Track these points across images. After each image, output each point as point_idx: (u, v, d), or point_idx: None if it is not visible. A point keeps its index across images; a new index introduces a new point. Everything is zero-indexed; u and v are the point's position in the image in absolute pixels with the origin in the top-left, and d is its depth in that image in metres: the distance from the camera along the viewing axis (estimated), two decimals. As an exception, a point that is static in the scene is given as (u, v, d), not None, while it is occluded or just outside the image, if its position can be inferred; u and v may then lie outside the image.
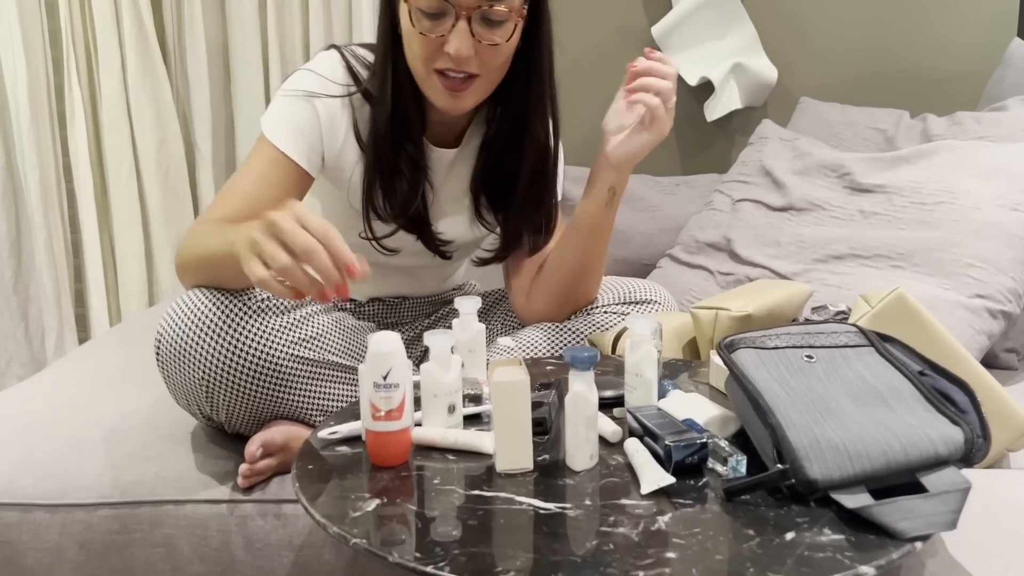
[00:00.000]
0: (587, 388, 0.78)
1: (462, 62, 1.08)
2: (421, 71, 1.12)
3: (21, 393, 1.33)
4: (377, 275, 1.22)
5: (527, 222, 1.27)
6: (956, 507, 0.67)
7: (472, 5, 1.06)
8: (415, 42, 1.10)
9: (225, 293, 1.02)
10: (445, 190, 1.27)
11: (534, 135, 1.23)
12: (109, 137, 2.15)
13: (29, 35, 2.08)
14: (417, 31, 1.08)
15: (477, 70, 1.10)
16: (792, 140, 1.75)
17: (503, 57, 1.13)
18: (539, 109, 1.22)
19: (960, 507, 0.67)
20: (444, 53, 1.08)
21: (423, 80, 1.13)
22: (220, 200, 1.12)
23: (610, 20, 2.20)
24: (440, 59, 1.09)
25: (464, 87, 1.11)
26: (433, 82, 1.12)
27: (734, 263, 1.58)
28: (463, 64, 1.09)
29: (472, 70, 1.10)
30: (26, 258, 2.23)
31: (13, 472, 1.08)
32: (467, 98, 1.13)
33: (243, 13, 2.12)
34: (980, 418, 0.74)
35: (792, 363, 0.82)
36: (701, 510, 0.71)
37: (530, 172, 1.24)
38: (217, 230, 1.01)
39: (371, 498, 0.74)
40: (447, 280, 1.44)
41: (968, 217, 1.38)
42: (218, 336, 1.00)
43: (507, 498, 0.74)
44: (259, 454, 1.05)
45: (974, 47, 2.15)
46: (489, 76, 1.13)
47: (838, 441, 0.71)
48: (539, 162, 1.25)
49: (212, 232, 1.02)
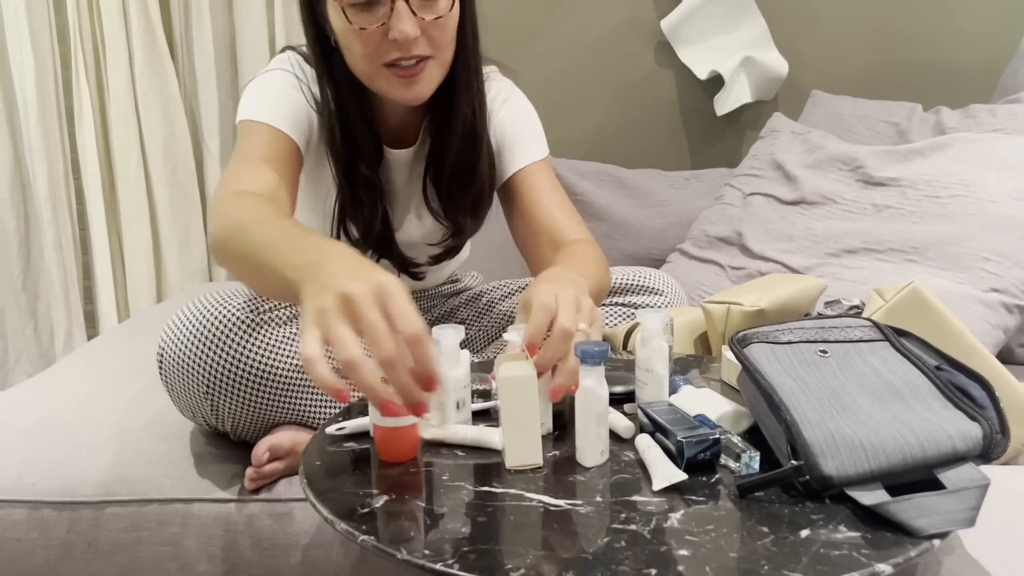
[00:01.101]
0: (597, 383, 0.77)
1: (410, 45, 1.03)
2: (367, 70, 1.06)
3: (30, 390, 1.33)
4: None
5: (458, 205, 1.20)
6: (975, 504, 0.65)
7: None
8: (355, 41, 1.04)
9: (226, 306, 1.00)
10: (407, 191, 1.22)
11: (459, 111, 1.14)
12: (117, 133, 2.15)
13: (37, 31, 2.08)
14: (356, 27, 1.02)
15: (427, 51, 1.05)
16: (804, 133, 1.73)
17: (450, 32, 1.07)
18: (464, 81, 1.14)
19: (979, 504, 0.65)
20: (388, 43, 1.03)
21: (372, 79, 1.07)
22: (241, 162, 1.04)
23: (618, 13, 2.18)
24: (385, 52, 1.04)
25: (418, 72, 1.05)
26: (384, 76, 1.06)
27: (745, 257, 1.57)
28: (412, 48, 1.03)
29: (423, 52, 1.04)
30: (35, 255, 2.23)
31: (21, 469, 1.08)
32: (424, 84, 1.07)
33: (250, 9, 2.10)
34: (999, 413, 0.72)
35: (806, 358, 0.81)
36: (714, 507, 0.70)
37: (456, 151, 1.16)
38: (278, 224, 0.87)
39: (379, 494, 0.73)
40: (443, 270, 1.40)
41: (984, 210, 1.36)
42: (220, 350, 0.99)
43: (517, 494, 0.73)
44: (266, 458, 1.05)
45: (988, 38, 2.12)
46: (441, 55, 1.07)
47: (853, 437, 0.70)
48: (465, 140, 1.16)
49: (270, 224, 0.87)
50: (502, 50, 1.93)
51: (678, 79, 2.22)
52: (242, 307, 1.01)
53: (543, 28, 2.18)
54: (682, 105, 2.24)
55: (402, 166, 1.21)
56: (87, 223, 2.19)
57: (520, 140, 1.23)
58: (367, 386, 0.67)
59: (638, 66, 2.21)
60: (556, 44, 2.20)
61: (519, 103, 1.26)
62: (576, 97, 2.22)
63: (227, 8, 2.15)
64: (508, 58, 1.64)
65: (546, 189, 1.21)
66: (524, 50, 2.18)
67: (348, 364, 0.67)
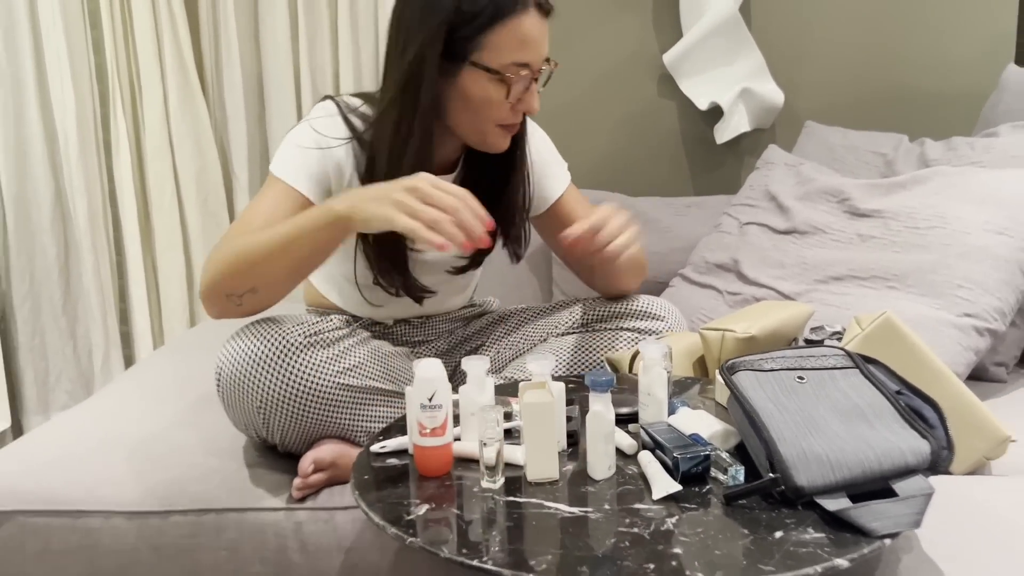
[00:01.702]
0: (605, 408, 0.90)
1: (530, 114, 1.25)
2: (484, 128, 1.23)
3: (88, 411, 1.46)
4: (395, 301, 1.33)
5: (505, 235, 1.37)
6: (920, 509, 0.78)
7: (539, 67, 1.22)
8: (491, 108, 1.20)
9: (279, 330, 1.14)
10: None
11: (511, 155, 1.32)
12: (152, 165, 2.27)
13: (77, 70, 2.21)
14: (493, 98, 1.19)
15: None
16: (796, 166, 1.86)
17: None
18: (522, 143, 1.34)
19: (924, 509, 0.78)
20: (512, 111, 1.22)
21: (484, 134, 1.24)
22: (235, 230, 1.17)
23: (623, 48, 2.30)
24: (506, 116, 1.22)
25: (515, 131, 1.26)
26: (495, 132, 1.24)
27: (741, 283, 1.69)
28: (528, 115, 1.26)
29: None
30: (74, 280, 2.36)
31: (94, 483, 1.21)
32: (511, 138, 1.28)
33: (276, 48, 2.23)
34: (946, 432, 0.85)
35: (785, 384, 0.94)
36: (704, 513, 0.83)
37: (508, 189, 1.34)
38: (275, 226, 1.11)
39: (421, 504, 0.86)
40: (463, 294, 1.53)
41: (958, 241, 1.49)
42: (272, 370, 1.12)
43: (537, 503, 0.86)
44: (311, 470, 1.18)
45: (973, 69, 2.24)
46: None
47: (822, 453, 0.82)
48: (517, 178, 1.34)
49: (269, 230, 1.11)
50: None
51: (680, 109, 2.33)
52: (293, 331, 1.14)
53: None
54: (684, 134, 2.36)
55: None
56: (123, 250, 2.32)
57: (551, 168, 1.43)
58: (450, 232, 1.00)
59: (642, 97, 2.33)
60: (565, 77, 2.32)
61: (539, 132, 1.45)
62: (583, 127, 2.35)
63: (255, 48, 2.28)
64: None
65: (580, 207, 1.42)
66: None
67: (433, 223, 1.00)
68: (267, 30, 2.23)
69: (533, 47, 1.19)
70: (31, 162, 2.25)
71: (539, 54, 1.20)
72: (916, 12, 2.24)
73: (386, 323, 1.45)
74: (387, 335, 1.45)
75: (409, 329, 1.47)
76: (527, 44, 1.18)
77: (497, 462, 0.89)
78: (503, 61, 1.17)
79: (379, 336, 1.39)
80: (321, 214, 1.09)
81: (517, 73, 1.18)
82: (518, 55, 1.18)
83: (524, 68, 1.18)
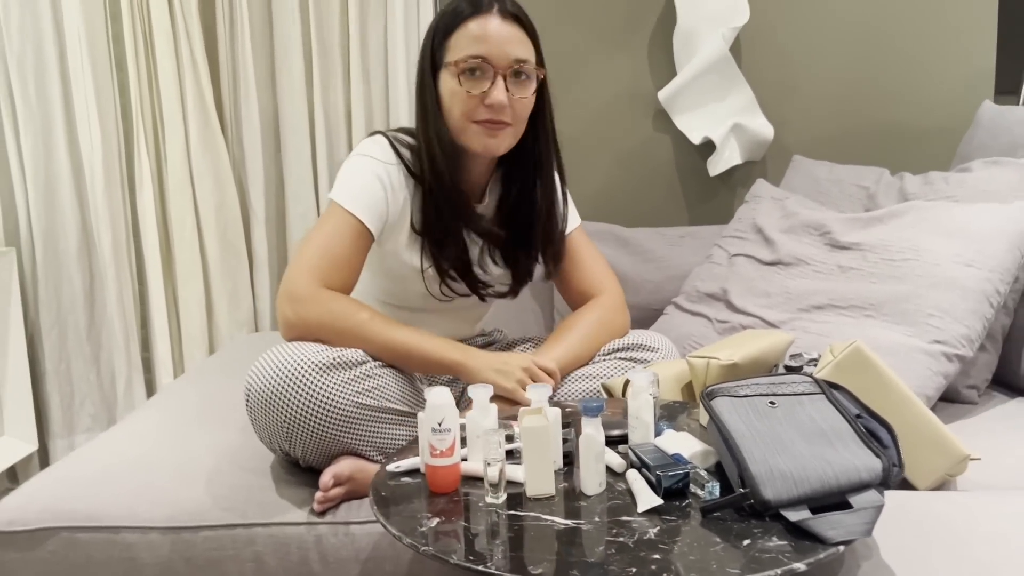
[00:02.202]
0: (596, 431, 1.01)
1: (500, 110, 1.37)
2: (461, 124, 1.39)
3: (122, 433, 1.58)
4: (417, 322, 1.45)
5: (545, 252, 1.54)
6: (872, 519, 0.89)
7: (505, 64, 1.37)
8: (457, 101, 1.38)
9: (302, 353, 1.25)
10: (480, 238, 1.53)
11: (548, 180, 1.51)
12: (173, 200, 2.38)
13: (104, 110, 2.33)
14: (464, 90, 1.37)
15: (509, 120, 1.39)
16: (782, 200, 1.97)
17: (526, 110, 1.43)
18: (548, 158, 1.51)
19: (875, 519, 0.89)
20: (483, 106, 1.37)
21: (462, 132, 1.40)
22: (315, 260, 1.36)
23: (619, 85, 2.41)
24: (479, 112, 1.37)
25: (498, 131, 1.39)
26: (473, 130, 1.39)
27: (730, 312, 1.80)
28: (500, 113, 1.38)
29: (506, 119, 1.39)
30: (98, 308, 2.47)
31: (132, 500, 1.32)
32: (502, 141, 1.41)
33: (292, 89, 2.35)
34: (897, 451, 0.96)
35: (758, 408, 1.05)
36: (683, 523, 0.93)
37: (547, 211, 1.52)
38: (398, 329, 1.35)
39: (432, 517, 0.97)
40: (476, 324, 1.68)
41: (929, 272, 1.59)
42: (297, 388, 1.24)
43: (535, 516, 0.97)
44: (331, 483, 1.28)
45: (953, 106, 2.35)
46: (517, 126, 1.42)
47: (787, 470, 0.93)
48: (551, 202, 1.52)
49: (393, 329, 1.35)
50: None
51: (674, 144, 2.44)
52: (315, 353, 1.26)
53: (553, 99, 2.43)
54: (679, 167, 2.47)
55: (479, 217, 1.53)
56: (146, 280, 2.43)
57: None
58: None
59: (638, 132, 2.44)
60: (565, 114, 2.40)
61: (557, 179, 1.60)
62: (583, 161, 2.46)
63: (271, 89, 2.40)
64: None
65: (581, 251, 1.59)
66: (535, 120, 2.44)
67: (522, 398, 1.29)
68: (283, 73, 2.36)
69: (488, 43, 1.36)
70: (59, 197, 2.37)
71: (499, 50, 1.37)
72: (898, 50, 2.35)
73: None
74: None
75: None
76: (481, 40, 1.36)
77: (500, 480, 1.00)
78: (461, 55, 1.37)
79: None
80: (447, 360, 1.36)
81: (473, 65, 1.36)
82: (472, 49, 1.36)
83: (478, 59, 1.36)
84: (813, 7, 2.35)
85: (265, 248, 2.43)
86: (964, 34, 2.33)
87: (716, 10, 2.27)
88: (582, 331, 1.49)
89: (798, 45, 2.38)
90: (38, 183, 2.35)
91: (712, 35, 2.26)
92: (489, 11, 1.38)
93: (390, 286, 1.52)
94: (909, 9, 2.33)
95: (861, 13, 2.35)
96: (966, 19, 2.33)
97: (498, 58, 1.37)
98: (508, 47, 1.37)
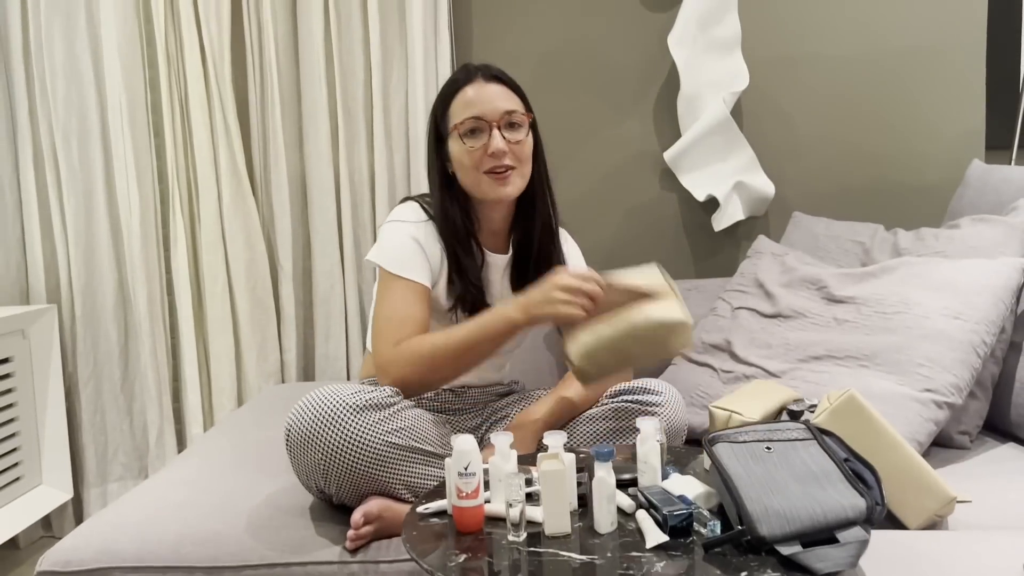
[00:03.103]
0: (607, 474, 1.11)
1: (501, 156, 1.56)
2: (473, 177, 1.58)
3: (165, 479, 1.68)
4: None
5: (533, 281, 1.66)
6: (857, 553, 0.98)
7: (497, 117, 1.57)
8: (466, 158, 1.58)
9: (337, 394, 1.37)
10: (501, 284, 1.70)
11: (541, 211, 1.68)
12: (206, 257, 2.49)
13: (142, 174, 2.47)
14: (468, 147, 1.57)
15: (512, 163, 1.58)
16: (782, 256, 2.09)
17: (527, 151, 1.62)
18: (541, 190, 1.68)
19: (859, 553, 0.99)
20: (487, 157, 1.56)
21: (477, 184, 1.59)
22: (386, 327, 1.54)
23: (628, 147, 2.53)
24: (485, 162, 1.57)
25: (507, 176, 1.58)
26: (485, 180, 1.58)
27: (734, 362, 1.90)
28: (502, 158, 1.57)
29: (509, 163, 1.58)
30: (132, 361, 2.59)
31: (177, 542, 1.42)
32: (511, 186, 1.59)
33: (319, 152, 2.48)
34: (880, 491, 1.06)
35: (755, 453, 1.15)
36: (687, 559, 1.04)
37: (539, 241, 1.68)
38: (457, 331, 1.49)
39: (460, 554, 1.08)
40: (501, 371, 1.80)
41: (920, 325, 1.70)
42: (333, 427, 1.35)
43: (553, 553, 1.07)
44: (361, 522, 1.39)
45: (945, 164, 2.46)
46: (522, 168, 1.61)
47: (781, 509, 1.03)
48: (545, 233, 1.69)
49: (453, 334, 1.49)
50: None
51: (680, 201, 2.55)
52: (352, 396, 1.38)
53: (567, 161, 2.54)
54: (684, 223, 2.58)
55: (497, 267, 1.69)
56: (178, 333, 2.54)
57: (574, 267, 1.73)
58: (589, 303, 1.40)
59: (646, 191, 2.55)
60: (577, 174, 2.57)
61: (572, 243, 1.82)
62: (594, 217, 2.57)
63: (299, 153, 2.54)
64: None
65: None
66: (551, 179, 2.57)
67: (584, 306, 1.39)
68: (310, 138, 2.50)
69: (480, 104, 1.58)
70: (98, 256, 2.51)
71: (490, 107, 1.58)
72: (892, 112, 2.48)
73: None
74: (433, 402, 1.70)
75: (452, 397, 1.71)
76: (473, 103, 1.58)
77: (521, 520, 1.10)
78: (459, 119, 1.58)
79: (422, 405, 1.62)
80: (503, 322, 1.46)
81: (472, 125, 1.56)
82: (468, 112, 1.58)
83: (477, 120, 1.56)
84: (809, 72, 2.49)
85: (292, 303, 2.54)
86: (954, 96, 2.45)
87: (717, 76, 2.40)
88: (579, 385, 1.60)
89: (796, 108, 2.50)
90: (79, 243, 2.50)
91: (714, 99, 2.38)
92: (475, 78, 1.60)
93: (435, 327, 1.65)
94: (901, 72, 2.46)
95: (855, 76, 2.47)
96: (956, 82, 2.45)
97: (490, 113, 1.57)
98: (497, 103, 1.58)
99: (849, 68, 2.47)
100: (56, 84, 2.44)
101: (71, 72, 2.45)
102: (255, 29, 2.48)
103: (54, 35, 2.43)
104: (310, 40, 2.46)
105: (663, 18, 2.47)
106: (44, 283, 2.54)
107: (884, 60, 2.46)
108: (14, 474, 2.38)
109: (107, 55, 2.43)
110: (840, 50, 2.47)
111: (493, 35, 2.53)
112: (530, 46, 2.52)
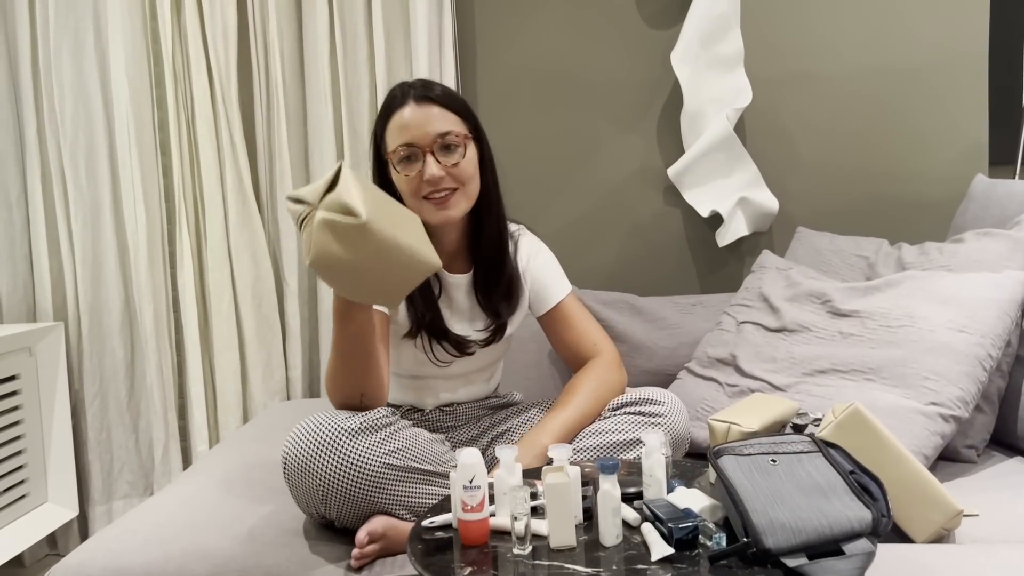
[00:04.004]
0: (613, 487, 1.11)
1: (438, 182, 1.52)
2: (414, 204, 1.54)
3: (171, 497, 1.68)
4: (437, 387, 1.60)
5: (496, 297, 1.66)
6: (863, 565, 0.98)
7: (429, 142, 1.52)
8: (404, 186, 1.54)
9: (333, 420, 1.37)
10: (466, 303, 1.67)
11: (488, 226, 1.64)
12: (212, 276, 2.50)
13: (148, 192, 2.49)
14: (403, 176, 1.53)
15: (453, 184, 1.53)
16: (786, 270, 2.09)
17: (467, 172, 1.56)
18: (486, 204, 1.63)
19: (865, 565, 0.98)
20: (423, 183, 1.52)
21: (419, 209, 1.53)
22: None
23: (632, 164, 2.54)
24: (423, 188, 1.52)
25: (446, 200, 1.54)
26: (425, 206, 1.54)
27: (739, 376, 1.90)
28: (440, 183, 1.52)
29: (449, 185, 1.53)
30: (138, 378, 2.59)
31: (183, 558, 1.42)
32: (452, 209, 1.55)
33: (324, 171, 2.49)
34: (886, 504, 1.06)
35: (761, 465, 1.15)
36: (693, 571, 1.03)
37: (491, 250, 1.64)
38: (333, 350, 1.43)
39: (465, 567, 1.07)
40: (489, 382, 1.80)
41: (925, 338, 1.70)
42: (330, 452, 1.35)
43: (558, 566, 1.07)
44: (366, 540, 1.39)
45: (948, 179, 2.46)
46: (466, 187, 1.56)
47: (786, 521, 1.03)
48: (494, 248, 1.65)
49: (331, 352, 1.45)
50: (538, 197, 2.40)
51: (684, 217, 2.55)
52: (347, 420, 1.38)
53: (571, 177, 2.55)
54: (689, 239, 2.58)
55: (459, 287, 1.67)
56: (184, 351, 2.55)
57: (551, 282, 1.72)
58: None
59: (650, 207, 2.56)
60: (581, 191, 2.58)
61: (545, 254, 1.76)
62: (599, 234, 2.58)
63: (304, 171, 2.55)
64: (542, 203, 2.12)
65: (574, 316, 1.71)
66: (555, 196, 2.56)
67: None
68: (315, 156, 2.51)
69: (412, 128, 1.52)
70: (105, 274, 2.53)
71: (420, 132, 1.52)
72: (895, 127, 2.48)
73: (424, 409, 1.70)
74: (425, 422, 1.69)
75: (444, 415, 1.71)
76: (406, 127, 1.52)
77: (526, 533, 1.10)
78: (393, 147, 1.54)
79: (418, 424, 1.62)
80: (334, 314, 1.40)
81: (404, 153, 1.52)
82: (400, 138, 1.53)
83: (409, 147, 1.52)
84: (813, 88, 2.50)
85: (298, 320, 2.55)
86: (957, 111, 2.46)
87: (720, 92, 2.41)
88: (581, 398, 1.60)
89: (799, 123, 2.51)
90: (86, 261, 2.51)
91: (717, 116, 2.39)
92: (404, 103, 1.54)
93: (397, 356, 1.67)
94: (904, 88, 2.47)
95: (858, 93, 2.48)
96: (959, 97, 2.46)
97: (422, 139, 1.52)
98: (428, 127, 1.52)
99: (852, 84, 2.48)
100: (64, 103, 2.46)
101: (79, 91, 2.48)
102: (261, 48, 2.50)
103: (62, 54, 2.45)
104: (316, 59, 2.48)
105: (666, 35, 2.49)
106: (51, 301, 2.55)
107: (887, 76, 2.47)
108: (20, 492, 2.38)
109: (115, 74, 2.46)
110: (843, 66, 2.48)
111: (497, 53, 2.55)
112: (533, 64, 2.54)
